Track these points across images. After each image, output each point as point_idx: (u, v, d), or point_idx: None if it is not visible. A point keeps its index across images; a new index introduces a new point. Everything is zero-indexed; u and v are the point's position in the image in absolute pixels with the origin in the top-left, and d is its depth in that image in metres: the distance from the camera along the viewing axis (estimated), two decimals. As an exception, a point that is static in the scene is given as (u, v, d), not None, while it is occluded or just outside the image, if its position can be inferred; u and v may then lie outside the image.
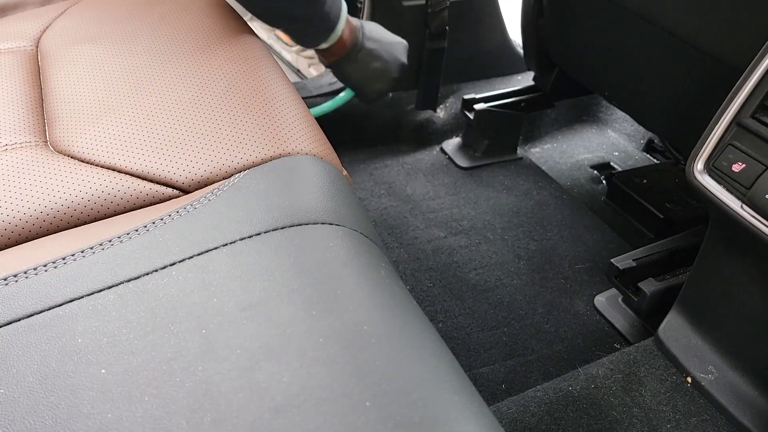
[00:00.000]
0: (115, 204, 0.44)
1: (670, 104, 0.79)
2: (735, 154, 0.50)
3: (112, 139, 0.48)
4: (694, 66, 0.71)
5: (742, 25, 0.60)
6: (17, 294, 0.34)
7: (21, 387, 0.29)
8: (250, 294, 0.33)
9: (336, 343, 0.31)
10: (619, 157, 1.18)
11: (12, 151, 0.47)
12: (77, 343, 0.31)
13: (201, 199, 0.41)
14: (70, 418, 0.27)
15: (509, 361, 0.76)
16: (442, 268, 0.88)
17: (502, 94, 1.13)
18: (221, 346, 0.31)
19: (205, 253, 0.36)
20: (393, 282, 0.38)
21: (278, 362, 0.30)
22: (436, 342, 0.35)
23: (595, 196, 1.08)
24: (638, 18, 0.76)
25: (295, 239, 0.38)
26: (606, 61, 0.89)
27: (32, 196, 0.43)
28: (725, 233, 0.59)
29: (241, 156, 0.47)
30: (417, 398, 0.29)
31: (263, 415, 0.28)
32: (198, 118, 0.50)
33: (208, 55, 0.57)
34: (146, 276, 0.35)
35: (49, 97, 0.54)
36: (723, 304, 0.63)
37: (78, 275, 0.35)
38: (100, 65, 0.57)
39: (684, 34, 0.68)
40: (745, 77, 0.50)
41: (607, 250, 0.94)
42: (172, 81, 0.54)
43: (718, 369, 0.65)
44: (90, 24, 0.64)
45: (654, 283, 0.74)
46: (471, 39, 1.20)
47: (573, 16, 0.92)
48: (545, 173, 1.11)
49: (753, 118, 0.50)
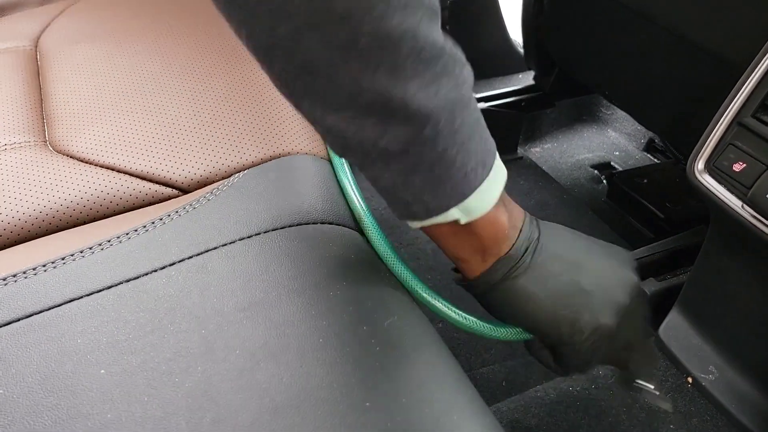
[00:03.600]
0: (115, 204, 0.44)
1: (670, 103, 0.79)
2: (736, 153, 0.50)
3: (112, 138, 0.48)
4: (695, 65, 0.70)
5: (743, 23, 0.60)
6: (16, 294, 0.34)
7: (20, 387, 0.29)
8: (250, 294, 0.33)
9: (336, 343, 0.31)
10: (620, 156, 1.18)
11: (11, 150, 0.47)
12: (77, 343, 0.31)
13: (200, 199, 0.41)
14: (69, 418, 0.27)
15: (509, 362, 0.76)
16: (442, 268, 0.88)
17: (502, 93, 1.13)
18: (220, 347, 0.31)
19: (205, 253, 0.36)
20: (393, 282, 0.38)
21: (278, 362, 0.30)
22: (436, 342, 0.35)
23: (596, 196, 1.07)
24: (639, 17, 0.75)
25: (294, 239, 0.38)
26: (606, 60, 0.89)
27: (31, 196, 0.42)
28: (726, 233, 0.59)
29: (241, 156, 0.47)
30: (417, 399, 0.29)
31: (263, 415, 0.28)
32: (197, 117, 0.50)
33: (208, 54, 0.57)
34: (145, 276, 0.35)
35: (49, 97, 0.54)
36: (724, 304, 0.63)
37: (77, 275, 0.35)
38: (99, 65, 0.56)
39: (685, 33, 0.68)
40: (746, 76, 0.50)
41: (608, 249, 0.94)
42: (171, 81, 0.54)
43: (719, 369, 0.65)
44: (89, 24, 0.64)
45: (654, 283, 0.74)
46: (471, 38, 1.20)
47: (573, 15, 0.92)
48: (545, 173, 1.11)
49: (754, 117, 0.49)
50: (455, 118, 0.29)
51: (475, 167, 0.31)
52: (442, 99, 0.28)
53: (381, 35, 0.24)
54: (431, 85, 0.27)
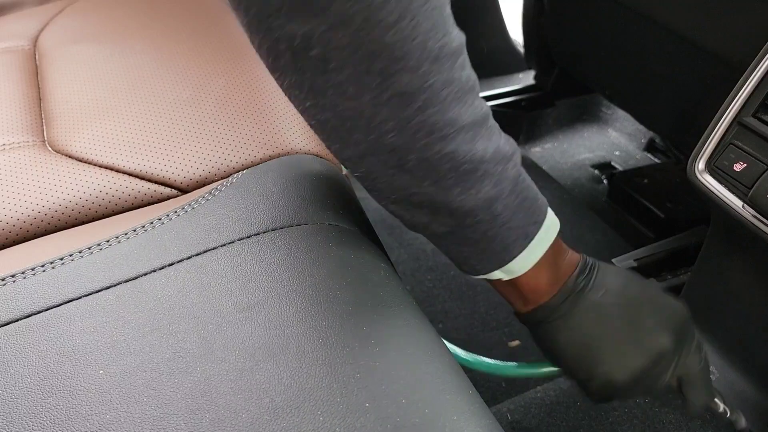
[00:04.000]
0: (113, 204, 0.44)
1: (671, 103, 0.79)
2: (736, 153, 0.50)
3: (111, 138, 0.48)
4: (695, 64, 0.70)
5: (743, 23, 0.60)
6: (15, 294, 0.33)
7: (19, 388, 0.29)
8: (249, 294, 0.33)
9: (336, 343, 0.31)
10: (620, 156, 1.18)
11: (10, 150, 0.47)
12: (75, 343, 0.31)
13: (199, 199, 0.41)
14: (68, 419, 0.27)
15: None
16: (442, 268, 0.87)
17: (503, 93, 1.13)
18: (220, 347, 0.30)
19: (204, 254, 0.36)
20: (393, 282, 0.38)
21: (277, 363, 0.30)
22: (436, 342, 0.35)
23: (596, 196, 1.07)
24: (639, 16, 0.75)
25: (294, 239, 0.37)
26: (607, 59, 0.89)
27: (30, 196, 0.42)
28: (726, 233, 0.59)
29: (240, 155, 0.47)
30: (417, 399, 0.29)
31: (262, 416, 0.28)
32: (196, 117, 0.49)
33: (207, 53, 0.57)
34: (144, 276, 0.35)
35: (47, 97, 0.54)
36: (724, 304, 0.63)
37: (76, 276, 0.35)
38: (98, 64, 0.56)
39: (685, 33, 0.68)
40: (747, 76, 0.50)
41: (608, 250, 0.94)
42: (170, 80, 0.53)
43: (720, 369, 0.65)
44: (88, 23, 0.64)
45: (655, 283, 0.74)
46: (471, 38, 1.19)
47: (574, 14, 0.92)
48: (546, 173, 1.11)
49: (754, 117, 0.49)
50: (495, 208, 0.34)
51: (516, 239, 0.36)
52: (481, 198, 0.33)
53: (423, 159, 0.31)
54: (471, 189, 0.33)
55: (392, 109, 0.29)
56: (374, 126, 0.30)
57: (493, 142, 0.33)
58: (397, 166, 0.31)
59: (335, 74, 0.28)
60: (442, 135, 0.30)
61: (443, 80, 0.29)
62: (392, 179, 0.32)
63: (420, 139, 0.30)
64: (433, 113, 0.30)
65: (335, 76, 0.28)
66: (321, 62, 0.28)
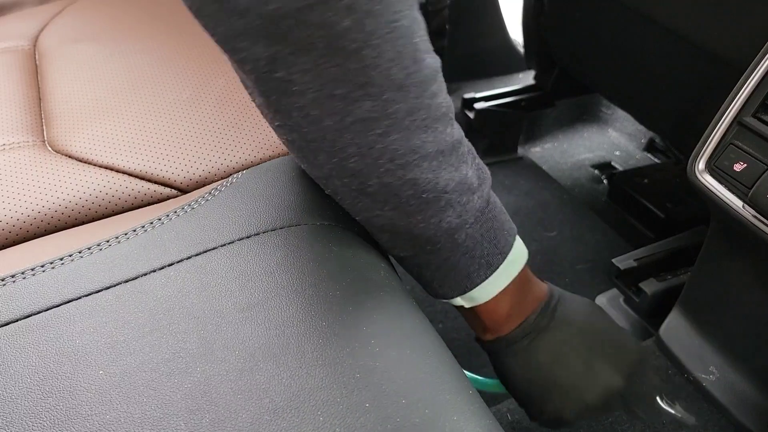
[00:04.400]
0: (113, 204, 0.44)
1: (671, 103, 0.79)
2: (736, 153, 0.50)
3: (110, 138, 0.48)
4: (695, 65, 0.70)
5: (744, 23, 0.60)
6: (15, 294, 0.33)
7: (19, 388, 0.29)
8: (249, 294, 0.33)
9: (336, 343, 0.31)
10: (620, 156, 1.18)
11: (9, 150, 0.47)
12: (75, 343, 0.31)
13: (199, 199, 0.41)
14: (68, 419, 0.27)
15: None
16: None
17: (503, 93, 1.12)
18: (220, 347, 0.30)
19: (204, 254, 0.36)
20: (393, 282, 0.38)
21: (277, 363, 0.30)
22: (436, 342, 0.35)
23: (596, 196, 1.07)
24: (640, 16, 0.75)
25: (294, 239, 0.37)
26: (607, 59, 0.89)
27: (30, 196, 0.42)
28: (727, 233, 0.59)
29: (240, 155, 0.47)
30: (417, 399, 0.29)
31: (262, 416, 0.28)
32: (196, 117, 0.49)
33: (207, 53, 0.57)
34: (144, 276, 0.35)
35: (47, 97, 0.54)
36: (724, 304, 0.63)
37: (76, 276, 0.35)
38: (98, 64, 0.56)
39: (685, 33, 0.68)
40: (747, 76, 0.50)
41: (609, 250, 0.94)
42: (170, 80, 0.53)
43: (720, 370, 0.65)
44: (88, 23, 0.64)
45: (655, 283, 0.74)
46: (471, 37, 1.20)
47: (574, 14, 0.92)
48: (546, 173, 1.11)
49: (755, 117, 0.49)
50: (458, 237, 0.35)
51: (478, 269, 0.37)
52: (443, 227, 0.34)
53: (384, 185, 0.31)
54: (432, 217, 0.33)
55: (354, 134, 0.29)
56: (337, 150, 0.30)
57: (461, 172, 0.33)
58: (359, 189, 0.32)
59: (299, 97, 0.28)
60: (404, 162, 0.30)
61: (407, 108, 0.29)
62: (355, 201, 0.33)
63: (382, 164, 0.30)
64: (395, 140, 0.30)
65: (299, 99, 0.28)
66: (285, 84, 0.28)
